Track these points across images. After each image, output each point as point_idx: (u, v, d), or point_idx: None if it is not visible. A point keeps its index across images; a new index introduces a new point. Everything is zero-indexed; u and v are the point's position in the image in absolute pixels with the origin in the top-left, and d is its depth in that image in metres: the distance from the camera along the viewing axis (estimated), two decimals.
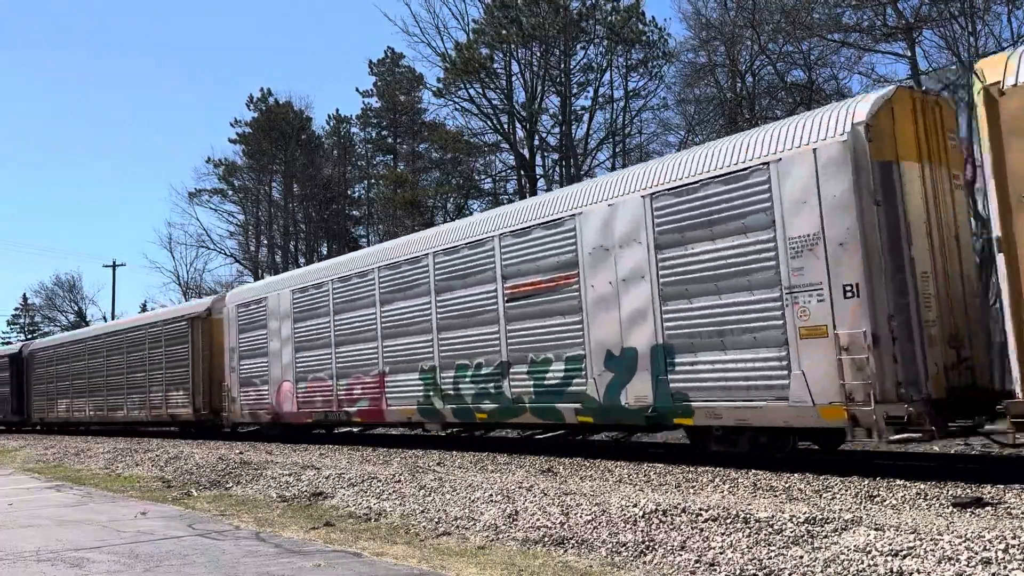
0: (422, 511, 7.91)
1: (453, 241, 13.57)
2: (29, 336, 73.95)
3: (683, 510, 6.38)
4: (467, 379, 12.98)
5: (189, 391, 21.80)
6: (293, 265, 48.16)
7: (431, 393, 13.66)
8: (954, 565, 4.68)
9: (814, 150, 8.63)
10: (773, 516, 5.87)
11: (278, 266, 50.49)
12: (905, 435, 7.98)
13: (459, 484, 8.62)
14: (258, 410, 18.65)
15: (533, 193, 35.70)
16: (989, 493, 6.84)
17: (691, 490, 7.96)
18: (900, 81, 24.34)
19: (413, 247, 14.51)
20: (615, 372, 10.71)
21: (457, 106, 39.09)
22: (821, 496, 7.23)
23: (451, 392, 13.27)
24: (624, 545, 6.01)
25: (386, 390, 14.72)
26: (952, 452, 11.22)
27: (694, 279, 9.79)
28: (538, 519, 6.92)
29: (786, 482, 8.03)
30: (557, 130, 38.47)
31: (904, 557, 4.87)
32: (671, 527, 6.14)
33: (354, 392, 15.57)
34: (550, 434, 13.96)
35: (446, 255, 13.59)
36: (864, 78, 28.82)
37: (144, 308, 59.20)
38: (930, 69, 25.90)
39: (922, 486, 7.36)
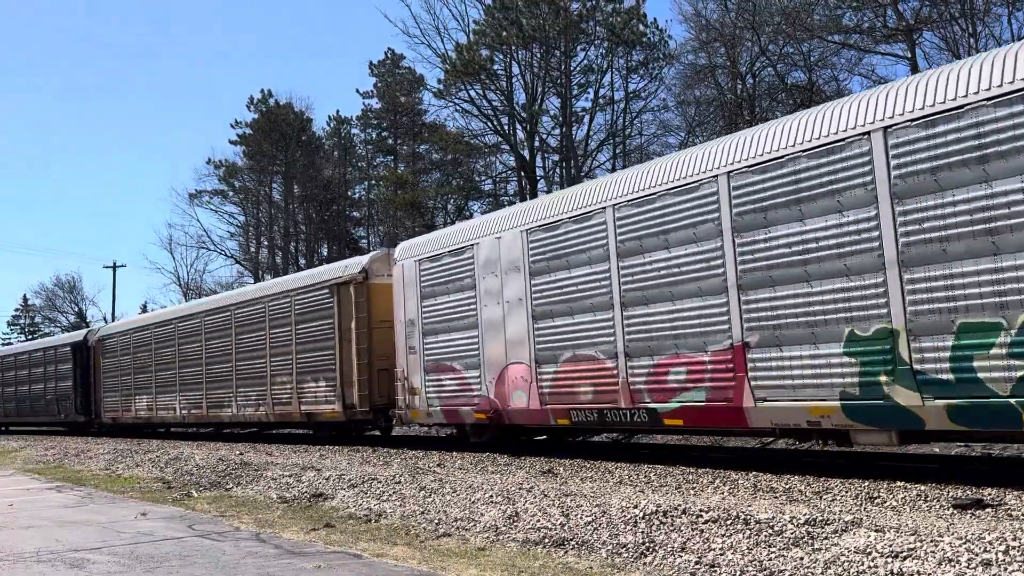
0: (422, 512, 7.91)
1: (951, 99, 7.57)
2: (30, 336, 74.05)
3: (683, 511, 6.38)
4: (999, 349, 7.19)
5: (334, 381, 16.40)
6: (293, 267, 48.14)
7: (882, 376, 7.98)
8: (954, 567, 4.68)
9: None
10: (773, 517, 5.87)
11: (278, 267, 50.54)
12: None
13: (459, 485, 8.62)
14: (460, 405, 13.30)
15: (534, 195, 35.74)
16: (989, 495, 6.84)
17: (691, 491, 7.96)
18: None
19: (823, 127, 8.47)
20: None
21: (457, 107, 39.28)
22: (821, 497, 7.24)
23: (946, 375, 7.54)
24: (624, 546, 6.01)
25: (751, 373, 9.04)
26: (952, 453, 11.22)
27: None
28: (538, 520, 6.92)
29: (786, 483, 8.03)
30: (557, 131, 38.59)
31: (904, 559, 4.87)
32: (671, 528, 6.15)
33: (667, 378, 9.98)
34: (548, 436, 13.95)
35: (921, 128, 7.68)
36: (865, 79, 28.89)
37: (144, 309, 59.27)
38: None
39: (922, 488, 7.36)
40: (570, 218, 11.32)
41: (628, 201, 10.40)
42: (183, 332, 22.62)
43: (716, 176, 9.39)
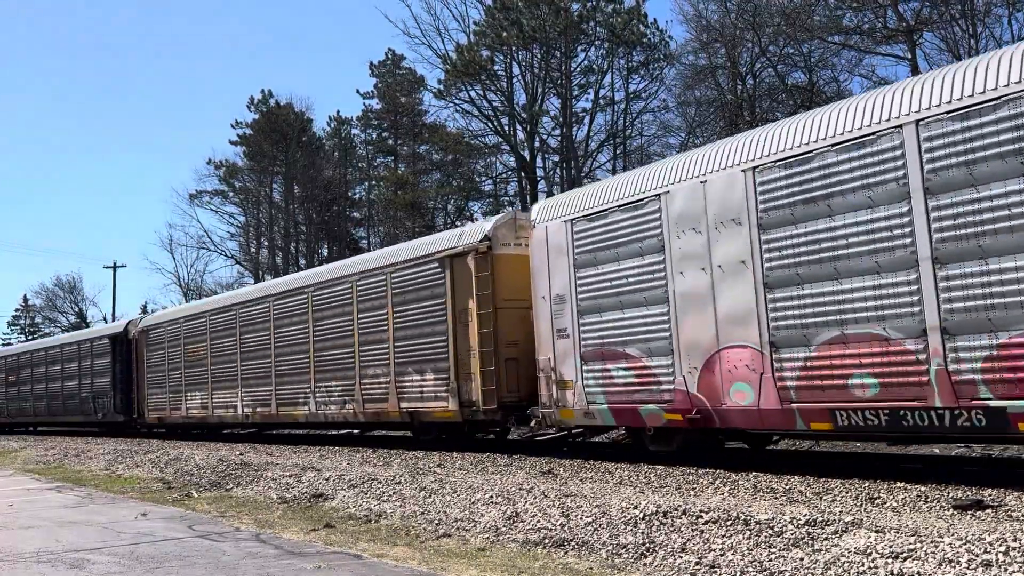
0: (422, 513, 7.91)
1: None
2: (31, 336, 74.06)
3: (684, 512, 6.39)
4: None
5: (447, 373, 13.76)
6: (293, 267, 48.16)
7: None
8: (955, 567, 4.68)
9: None
10: (774, 518, 5.88)
11: (279, 268, 50.55)
12: None
13: (459, 486, 8.63)
14: (640, 403, 10.46)
15: (534, 196, 35.74)
16: (989, 495, 6.85)
17: (691, 492, 7.96)
18: None
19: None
20: None
21: (458, 108, 39.28)
22: (821, 498, 7.24)
23: None
24: (625, 547, 6.01)
25: None
26: (953, 454, 11.22)
27: None
28: (539, 521, 6.92)
29: (786, 484, 8.03)
30: (558, 132, 38.56)
31: (905, 559, 4.88)
32: (672, 529, 6.15)
33: None
34: (550, 436, 13.94)
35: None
36: (865, 80, 28.90)
37: (145, 309, 59.26)
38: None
39: (922, 488, 7.36)
40: (831, 146, 8.41)
41: (949, 113, 7.49)
42: (246, 319, 19.58)
43: None
